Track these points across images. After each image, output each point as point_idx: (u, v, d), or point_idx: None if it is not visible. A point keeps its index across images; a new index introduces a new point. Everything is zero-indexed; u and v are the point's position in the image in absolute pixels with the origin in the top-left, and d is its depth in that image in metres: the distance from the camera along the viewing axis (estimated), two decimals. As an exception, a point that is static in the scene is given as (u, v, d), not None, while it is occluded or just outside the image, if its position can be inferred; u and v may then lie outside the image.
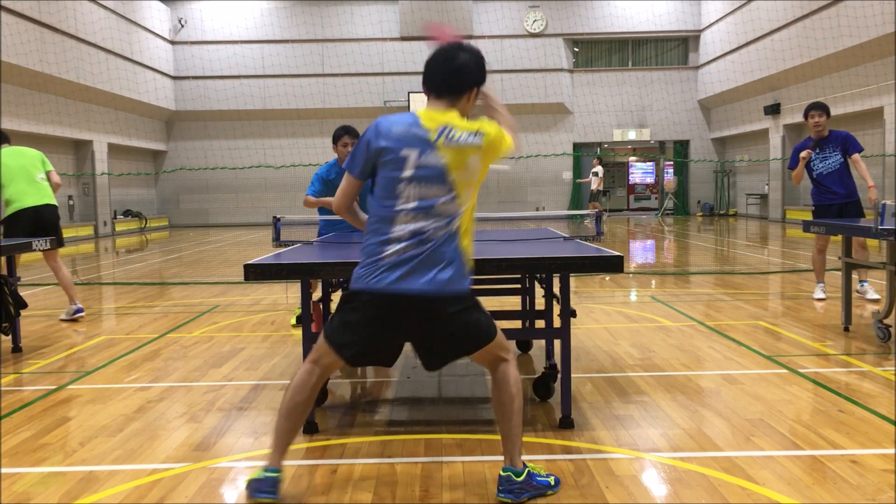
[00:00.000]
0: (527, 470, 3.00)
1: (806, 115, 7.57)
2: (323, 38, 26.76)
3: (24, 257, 13.35)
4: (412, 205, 2.83)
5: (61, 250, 7.30)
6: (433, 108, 2.94)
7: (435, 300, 2.82)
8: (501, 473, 2.98)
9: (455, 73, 2.94)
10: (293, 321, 7.09)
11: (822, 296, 7.80)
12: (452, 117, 2.90)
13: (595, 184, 23.55)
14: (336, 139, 6.37)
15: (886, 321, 5.67)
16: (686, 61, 27.66)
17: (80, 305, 7.50)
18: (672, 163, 28.72)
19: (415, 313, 2.85)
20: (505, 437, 3.02)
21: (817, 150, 7.49)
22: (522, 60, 26.55)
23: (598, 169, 23.79)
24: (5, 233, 7.10)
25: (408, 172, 2.83)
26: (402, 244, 2.82)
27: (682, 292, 8.77)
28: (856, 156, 7.42)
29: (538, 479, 3.03)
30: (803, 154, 7.44)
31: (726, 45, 24.53)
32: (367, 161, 2.92)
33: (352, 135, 6.38)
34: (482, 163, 2.89)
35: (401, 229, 2.83)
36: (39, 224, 7.22)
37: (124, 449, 3.71)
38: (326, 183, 6.31)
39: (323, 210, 6.54)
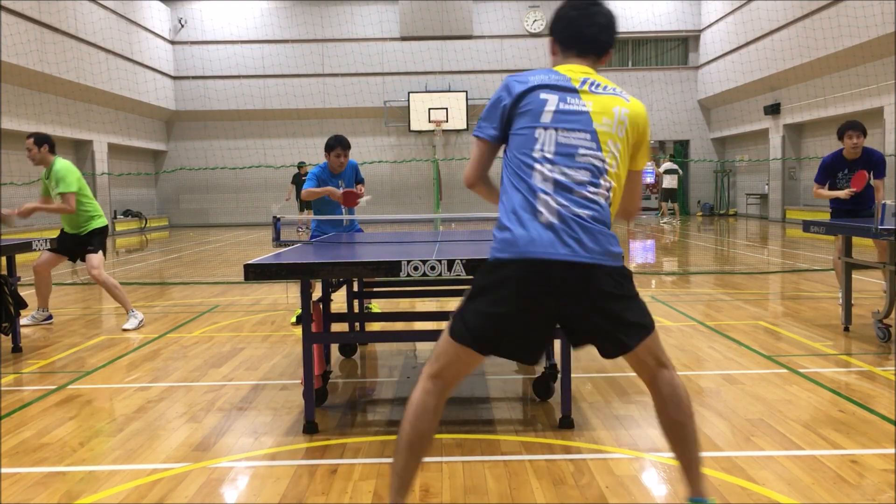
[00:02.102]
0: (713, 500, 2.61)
1: (841, 135, 6.97)
2: (323, 38, 26.76)
3: (24, 257, 13.31)
4: (549, 153, 2.43)
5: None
6: (570, 64, 2.61)
7: (587, 269, 2.34)
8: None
9: (606, 29, 2.63)
10: (293, 319, 7.10)
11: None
12: (593, 73, 2.58)
13: (668, 181, 22.64)
14: (329, 149, 6.38)
15: (886, 321, 5.67)
16: (686, 61, 27.66)
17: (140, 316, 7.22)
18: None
19: (562, 285, 2.35)
20: (687, 466, 2.52)
21: (846, 170, 7.02)
22: (522, 60, 26.54)
23: (670, 165, 22.89)
24: (99, 242, 7.15)
25: (546, 118, 2.46)
26: (552, 201, 2.39)
27: (682, 292, 8.77)
28: (878, 182, 7.02)
29: None
30: (843, 194, 6.93)
31: (726, 45, 24.53)
32: (502, 117, 2.54)
33: (344, 146, 6.38)
34: (630, 124, 2.51)
35: (546, 181, 2.41)
36: None
37: (124, 449, 3.71)
38: (321, 182, 6.35)
39: (318, 210, 6.56)
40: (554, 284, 2.35)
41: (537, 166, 2.43)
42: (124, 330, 6.94)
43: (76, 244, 7.10)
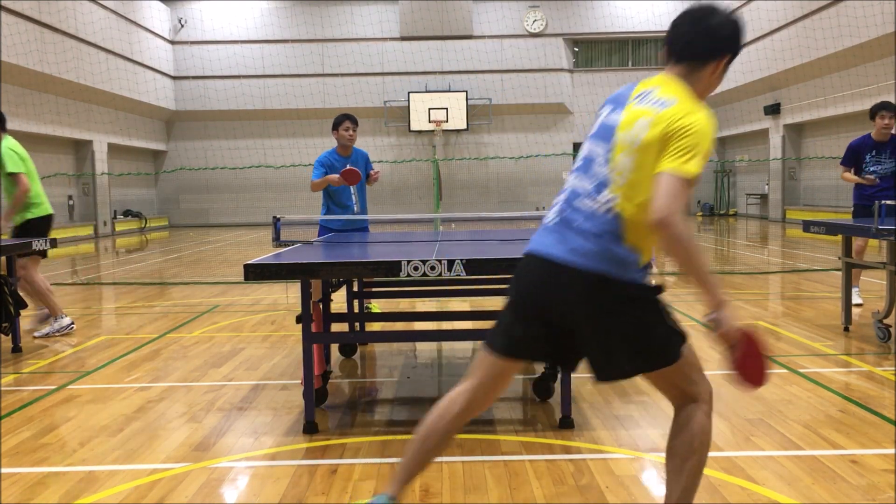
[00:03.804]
0: None
1: (873, 115, 6.90)
2: (323, 38, 26.76)
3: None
4: (579, 163, 2.45)
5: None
6: (665, 73, 2.47)
7: (580, 275, 2.28)
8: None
9: (705, 34, 2.38)
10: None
11: (858, 301, 7.24)
12: (671, 84, 2.39)
13: None
14: (338, 124, 6.43)
15: (886, 321, 5.67)
16: (686, 61, 27.64)
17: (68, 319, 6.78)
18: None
19: (549, 283, 2.33)
20: (669, 492, 2.40)
21: (874, 153, 6.95)
22: (522, 60, 26.54)
23: None
24: (32, 233, 6.39)
25: (592, 130, 2.47)
26: (559, 205, 2.43)
27: (682, 292, 8.77)
28: None
29: None
30: (862, 179, 6.89)
31: (726, 45, 24.50)
32: None
33: (352, 121, 6.44)
34: (650, 132, 2.26)
35: (564, 189, 2.46)
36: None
37: (124, 449, 3.71)
38: (328, 168, 6.36)
39: (329, 208, 6.54)
40: (542, 281, 2.35)
41: (569, 176, 2.48)
42: (35, 337, 6.46)
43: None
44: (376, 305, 7.28)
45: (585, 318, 2.31)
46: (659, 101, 2.33)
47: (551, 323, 2.38)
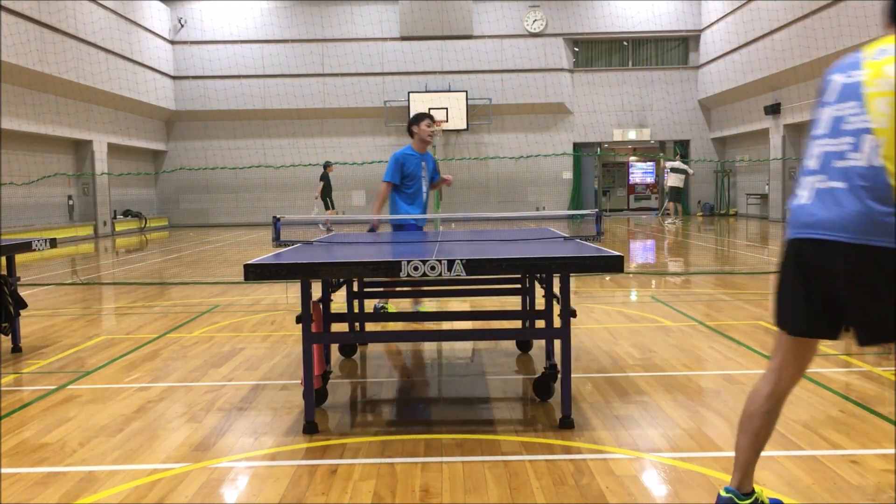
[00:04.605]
0: (755, 496, 2.65)
1: None
2: (323, 38, 26.77)
3: (24, 257, 13.34)
4: (823, 129, 2.48)
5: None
6: (889, 34, 2.52)
7: (834, 247, 2.35)
8: (722, 494, 2.63)
9: None
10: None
11: None
12: None
13: (675, 180, 21.36)
14: (419, 120, 6.75)
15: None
16: (686, 61, 27.66)
17: None
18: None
19: (810, 264, 2.43)
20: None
21: None
22: (522, 60, 26.55)
23: (677, 164, 21.55)
24: None
25: (830, 97, 2.51)
26: (810, 176, 2.47)
27: (682, 292, 8.77)
28: None
29: None
30: None
31: (726, 45, 24.53)
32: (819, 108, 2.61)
33: (432, 118, 6.76)
34: None
35: (813, 159, 2.48)
36: None
37: (124, 449, 3.71)
38: (402, 167, 6.56)
39: (394, 207, 6.73)
40: (803, 264, 2.44)
41: (812, 146, 2.51)
42: None
43: None
44: (391, 306, 7.28)
45: (857, 290, 2.35)
46: None
47: (828, 299, 2.44)
